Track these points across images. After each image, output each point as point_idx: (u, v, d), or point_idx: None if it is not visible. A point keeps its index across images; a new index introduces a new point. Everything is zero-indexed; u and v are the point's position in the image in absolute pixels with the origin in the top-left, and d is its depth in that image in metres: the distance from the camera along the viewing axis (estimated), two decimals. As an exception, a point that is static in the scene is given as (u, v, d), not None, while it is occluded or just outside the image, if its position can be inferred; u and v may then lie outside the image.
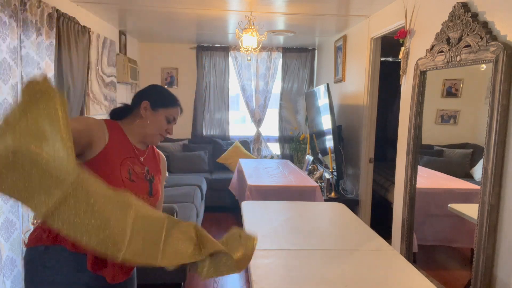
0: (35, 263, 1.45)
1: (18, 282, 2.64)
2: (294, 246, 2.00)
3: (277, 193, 3.61)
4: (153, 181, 1.65)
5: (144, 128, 1.62)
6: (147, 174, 1.63)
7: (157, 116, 1.63)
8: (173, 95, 1.73)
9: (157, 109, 1.63)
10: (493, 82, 1.98)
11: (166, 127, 1.67)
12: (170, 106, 1.67)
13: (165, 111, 1.65)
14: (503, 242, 1.99)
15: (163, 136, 1.68)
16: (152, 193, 1.62)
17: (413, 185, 2.80)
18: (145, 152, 1.68)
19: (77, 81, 3.42)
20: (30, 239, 1.49)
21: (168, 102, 1.68)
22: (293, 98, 6.32)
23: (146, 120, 1.62)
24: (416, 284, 1.64)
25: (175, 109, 1.69)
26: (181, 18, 4.32)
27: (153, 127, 1.63)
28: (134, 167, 1.57)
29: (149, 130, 1.63)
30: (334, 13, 3.99)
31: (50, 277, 1.43)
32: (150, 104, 1.62)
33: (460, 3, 2.27)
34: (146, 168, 1.64)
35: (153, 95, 1.66)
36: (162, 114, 1.64)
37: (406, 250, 2.84)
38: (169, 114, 1.66)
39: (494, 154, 1.98)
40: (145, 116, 1.62)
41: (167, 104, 1.67)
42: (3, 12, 2.39)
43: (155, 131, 1.64)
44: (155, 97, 1.65)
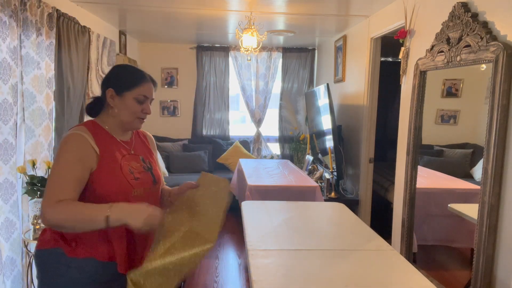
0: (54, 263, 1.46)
1: (18, 282, 2.64)
2: (294, 246, 2.00)
3: (277, 193, 3.61)
4: (152, 168, 1.65)
5: (118, 117, 1.54)
6: (144, 164, 1.62)
7: (125, 101, 1.52)
8: (136, 72, 1.57)
9: (122, 94, 1.51)
10: (493, 82, 1.98)
11: (140, 108, 1.55)
12: (134, 87, 1.52)
13: (132, 93, 1.52)
14: (503, 242, 1.99)
15: (142, 118, 1.58)
16: (156, 180, 1.64)
17: (413, 185, 2.80)
18: (132, 141, 1.64)
19: (77, 81, 3.42)
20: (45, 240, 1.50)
21: (131, 82, 1.53)
22: (293, 98, 6.32)
23: (117, 106, 1.52)
24: (416, 284, 1.64)
25: (143, 87, 1.54)
26: (181, 18, 4.32)
27: (125, 113, 1.53)
28: (131, 163, 1.57)
29: (124, 117, 1.54)
30: (334, 13, 3.99)
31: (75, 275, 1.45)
32: (114, 91, 1.52)
33: (460, 3, 2.27)
34: (141, 157, 1.63)
35: (115, 80, 1.54)
36: (129, 97, 1.52)
37: (406, 250, 2.84)
38: (137, 94, 1.53)
39: (494, 154, 1.97)
40: (114, 104, 1.53)
41: (131, 85, 1.52)
42: (3, 12, 2.39)
43: (130, 117, 1.54)
44: (117, 82, 1.53)
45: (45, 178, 2.60)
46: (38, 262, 1.52)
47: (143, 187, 1.56)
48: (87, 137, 1.46)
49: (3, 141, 2.44)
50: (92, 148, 1.46)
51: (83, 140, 1.45)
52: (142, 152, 1.66)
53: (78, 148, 1.43)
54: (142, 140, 1.72)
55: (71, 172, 1.40)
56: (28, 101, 2.72)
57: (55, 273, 1.46)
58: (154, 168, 1.67)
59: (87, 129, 1.50)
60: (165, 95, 6.19)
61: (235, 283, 3.41)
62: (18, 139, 2.63)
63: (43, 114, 2.87)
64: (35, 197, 2.53)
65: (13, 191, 2.55)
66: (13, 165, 2.53)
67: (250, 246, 1.98)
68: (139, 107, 1.54)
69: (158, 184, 1.66)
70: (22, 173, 2.53)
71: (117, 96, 1.52)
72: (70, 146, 1.44)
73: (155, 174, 1.65)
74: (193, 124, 6.24)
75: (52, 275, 1.47)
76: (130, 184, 1.51)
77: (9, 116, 2.47)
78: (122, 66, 1.66)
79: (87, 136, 1.46)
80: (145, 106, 1.55)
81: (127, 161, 1.56)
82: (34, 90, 2.75)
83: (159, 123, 6.18)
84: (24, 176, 2.55)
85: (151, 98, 1.58)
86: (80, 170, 1.42)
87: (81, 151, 1.43)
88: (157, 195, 1.68)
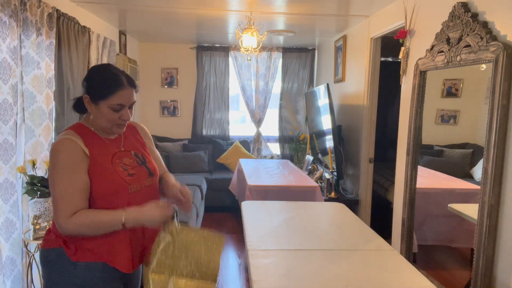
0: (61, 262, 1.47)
1: (18, 282, 2.64)
2: (294, 246, 2.00)
3: (277, 193, 3.61)
4: (146, 161, 1.64)
5: (96, 122, 1.51)
6: (137, 158, 1.61)
7: (100, 109, 1.45)
8: (112, 78, 1.45)
9: (97, 102, 1.45)
10: (493, 82, 1.98)
11: (117, 115, 1.47)
12: (108, 96, 1.43)
13: (106, 102, 1.44)
14: (503, 242, 1.99)
15: (121, 124, 1.51)
16: (151, 172, 1.63)
17: (413, 185, 2.80)
18: (120, 138, 1.61)
19: (77, 81, 3.42)
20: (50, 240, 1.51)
21: (105, 92, 1.43)
22: (293, 98, 6.33)
23: (94, 114, 1.48)
24: (416, 284, 1.64)
25: (118, 96, 1.44)
26: (181, 18, 4.32)
27: (102, 120, 1.48)
28: (123, 160, 1.55)
29: (101, 123, 1.49)
30: (334, 13, 3.99)
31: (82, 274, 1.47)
32: (89, 98, 1.46)
33: (460, 3, 2.27)
34: (133, 152, 1.62)
35: (90, 87, 1.47)
36: (104, 106, 1.44)
37: (406, 250, 2.84)
38: (112, 103, 1.44)
39: (494, 154, 1.97)
40: (90, 110, 1.49)
41: (105, 94, 1.43)
42: (3, 12, 2.39)
43: (107, 124, 1.49)
44: (91, 89, 1.46)
45: (45, 178, 2.60)
46: (44, 261, 1.52)
47: (139, 182, 1.55)
48: (77, 140, 1.45)
49: (3, 141, 2.44)
50: (82, 151, 1.45)
51: (73, 144, 1.43)
52: (133, 147, 1.64)
53: (71, 155, 1.42)
54: (132, 133, 1.68)
55: (75, 183, 1.41)
56: (28, 101, 2.72)
57: (62, 272, 1.47)
58: (149, 160, 1.65)
59: (74, 132, 1.48)
60: (165, 95, 6.19)
61: (235, 283, 3.41)
62: (18, 139, 2.63)
63: (43, 114, 2.87)
64: (35, 197, 2.53)
65: (13, 191, 2.55)
66: (13, 165, 2.53)
67: (250, 246, 1.98)
68: (116, 115, 1.47)
69: (154, 175, 1.64)
70: (22, 173, 2.53)
71: (92, 103, 1.47)
72: (63, 154, 1.42)
73: (150, 166, 1.63)
74: (193, 124, 6.24)
75: (59, 274, 1.48)
76: (125, 181, 1.50)
77: (9, 116, 2.47)
78: (98, 69, 1.54)
79: (76, 139, 1.45)
80: (123, 112, 1.48)
81: (118, 158, 1.54)
82: (34, 90, 2.75)
83: (159, 123, 6.18)
84: (24, 176, 2.55)
85: (131, 103, 1.50)
86: (81, 177, 1.43)
87: (75, 157, 1.43)
88: (156, 187, 1.66)
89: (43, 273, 1.55)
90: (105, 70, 1.50)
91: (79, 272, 1.46)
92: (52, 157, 1.43)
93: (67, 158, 1.42)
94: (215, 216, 5.15)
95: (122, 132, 1.59)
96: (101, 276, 1.49)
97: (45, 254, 1.52)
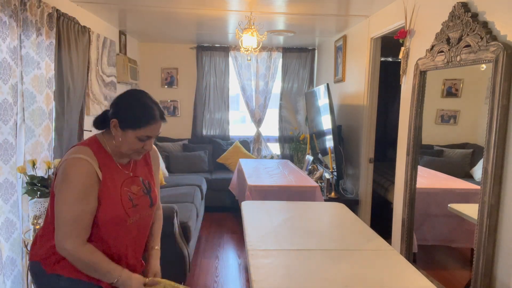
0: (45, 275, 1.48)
1: (18, 282, 2.64)
2: (294, 246, 2.00)
3: (277, 193, 3.61)
4: (151, 190, 1.63)
5: (117, 145, 1.48)
6: (144, 186, 1.60)
7: (127, 137, 1.45)
8: (147, 111, 1.45)
9: (126, 130, 1.44)
10: (493, 82, 1.98)
11: (141, 145, 1.48)
12: (140, 127, 1.44)
13: (135, 132, 1.44)
14: (503, 242, 1.99)
15: (141, 153, 1.52)
16: (152, 203, 1.63)
17: (413, 185, 2.80)
18: (131, 162, 1.59)
19: (77, 81, 3.42)
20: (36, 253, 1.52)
21: (137, 123, 1.43)
22: (293, 98, 6.33)
23: (117, 138, 1.46)
24: (416, 284, 1.64)
25: (149, 129, 1.45)
26: (181, 18, 4.32)
27: (124, 146, 1.47)
28: (131, 188, 1.55)
29: (123, 149, 1.48)
30: (334, 13, 3.99)
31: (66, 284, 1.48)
32: (118, 123, 1.44)
33: (460, 3, 2.27)
34: (141, 178, 1.60)
35: (122, 113, 1.45)
36: (132, 135, 1.44)
37: (406, 250, 2.84)
38: (141, 134, 1.45)
39: (494, 154, 1.98)
40: (116, 134, 1.46)
41: (136, 125, 1.43)
42: (3, 12, 2.39)
43: (128, 151, 1.48)
44: (124, 116, 1.44)
45: (45, 178, 2.60)
46: (31, 272, 1.56)
47: (139, 213, 1.56)
48: (92, 162, 1.42)
49: (3, 141, 2.44)
50: (96, 174, 1.43)
51: (89, 168, 1.41)
52: (142, 172, 1.62)
53: (87, 178, 1.40)
54: (143, 157, 1.65)
55: (86, 207, 1.40)
56: (28, 101, 2.72)
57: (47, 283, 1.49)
58: (153, 189, 1.64)
59: (92, 151, 1.44)
60: (165, 95, 6.19)
61: (235, 283, 3.41)
62: (18, 139, 2.63)
63: (43, 114, 2.88)
64: (35, 197, 2.53)
65: (13, 191, 2.55)
66: (13, 165, 2.53)
67: (250, 246, 1.98)
68: (140, 144, 1.47)
69: (154, 205, 1.65)
70: (22, 173, 2.53)
71: (120, 129, 1.45)
72: (79, 176, 1.39)
73: (153, 196, 1.63)
74: (193, 124, 6.24)
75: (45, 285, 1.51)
76: (127, 213, 1.51)
77: (9, 116, 2.47)
78: (134, 98, 1.49)
79: (91, 161, 1.42)
80: (147, 143, 1.49)
81: (127, 186, 1.53)
82: (34, 90, 2.75)
83: (159, 123, 6.17)
84: (24, 176, 2.55)
85: (154, 137, 1.50)
86: (92, 202, 1.42)
87: (90, 180, 1.41)
88: (151, 217, 1.67)
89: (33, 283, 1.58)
90: (141, 100, 1.47)
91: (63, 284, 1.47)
92: (66, 175, 1.39)
93: (83, 181, 1.39)
94: (215, 216, 5.15)
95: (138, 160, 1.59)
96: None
97: (30, 266, 1.55)
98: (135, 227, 1.56)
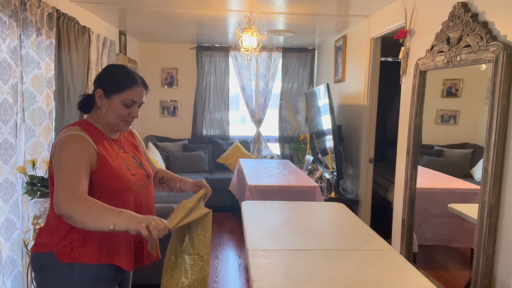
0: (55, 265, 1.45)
1: (18, 282, 2.64)
2: (294, 246, 2.00)
3: (277, 193, 3.61)
4: (143, 163, 1.69)
5: (104, 117, 1.53)
6: (136, 160, 1.65)
7: (112, 103, 1.51)
8: (128, 74, 1.55)
9: (110, 96, 1.51)
10: (493, 82, 1.98)
11: (128, 111, 1.54)
12: (123, 90, 1.51)
13: (120, 96, 1.51)
14: (503, 242, 1.99)
15: (128, 121, 1.57)
16: (148, 174, 1.68)
17: (413, 185, 2.80)
18: (120, 140, 1.65)
19: (77, 81, 3.42)
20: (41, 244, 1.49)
21: (120, 86, 1.51)
22: (293, 98, 6.33)
23: (104, 108, 1.52)
24: (416, 284, 1.64)
25: (132, 91, 1.52)
26: (181, 18, 4.32)
27: (111, 115, 1.52)
28: (126, 161, 1.60)
29: (110, 119, 1.53)
30: (334, 13, 3.99)
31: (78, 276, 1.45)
32: (103, 92, 1.51)
33: (460, 3, 2.27)
34: (131, 154, 1.66)
35: (105, 81, 1.53)
36: (117, 100, 1.51)
37: (406, 250, 2.84)
38: (125, 98, 1.51)
39: (494, 154, 1.97)
40: (101, 104, 1.52)
41: (120, 88, 1.51)
42: (3, 12, 2.39)
43: (115, 119, 1.53)
44: (107, 83, 1.52)
45: (45, 178, 2.60)
46: (38, 265, 1.50)
47: (139, 183, 1.60)
48: (85, 136, 1.47)
49: (3, 141, 2.44)
50: (92, 146, 1.46)
51: (83, 139, 1.45)
52: (131, 150, 1.69)
53: (82, 147, 1.43)
54: (128, 137, 1.74)
55: (81, 167, 1.40)
56: (28, 101, 2.72)
57: (57, 275, 1.45)
58: (145, 163, 1.71)
59: (81, 128, 1.49)
60: (165, 95, 6.19)
61: (235, 283, 3.41)
62: (18, 139, 2.63)
63: (43, 114, 2.88)
64: (35, 197, 2.53)
65: (13, 191, 2.55)
66: (13, 165, 2.53)
67: (250, 246, 1.98)
68: (126, 111, 1.53)
69: (150, 178, 1.70)
70: (22, 173, 2.53)
71: (105, 97, 1.51)
72: (73, 144, 1.42)
73: (147, 169, 1.69)
74: (193, 124, 6.24)
75: (55, 277, 1.46)
76: (130, 180, 1.54)
77: (9, 116, 2.47)
78: (114, 67, 1.63)
79: (85, 135, 1.46)
80: (133, 110, 1.54)
81: (121, 158, 1.58)
82: (34, 90, 2.75)
83: (159, 123, 6.18)
84: (24, 176, 2.55)
85: (140, 102, 1.57)
86: (86, 165, 1.42)
87: (84, 149, 1.43)
88: (151, 189, 1.72)
89: (36, 277, 1.53)
90: (121, 68, 1.59)
91: (75, 274, 1.45)
92: (60, 147, 1.41)
93: (76, 147, 1.42)
94: (215, 216, 5.09)
95: (126, 131, 1.65)
96: (97, 277, 1.48)
97: (37, 258, 1.50)
98: (142, 196, 1.60)
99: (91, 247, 1.46)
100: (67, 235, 1.45)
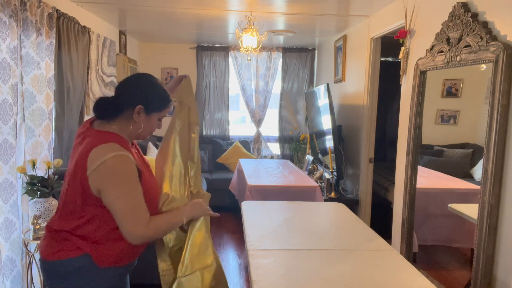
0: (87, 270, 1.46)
1: (18, 282, 2.64)
2: (294, 246, 2.00)
3: (277, 193, 3.61)
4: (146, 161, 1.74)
5: (137, 130, 1.57)
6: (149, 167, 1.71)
7: (151, 120, 1.58)
8: (166, 93, 1.62)
9: (151, 113, 1.57)
10: (493, 82, 1.98)
11: (159, 125, 1.65)
12: (163, 109, 1.60)
13: (158, 114, 1.60)
14: (503, 242, 1.99)
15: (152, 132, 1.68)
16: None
17: (413, 185, 2.80)
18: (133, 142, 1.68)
19: (77, 81, 3.42)
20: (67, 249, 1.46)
21: (163, 104, 1.59)
22: (293, 98, 6.32)
23: (140, 124, 1.55)
24: (416, 284, 1.64)
25: (168, 109, 1.63)
26: (181, 18, 4.32)
27: (147, 129, 1.59)
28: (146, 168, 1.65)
29: (143, 132, 1.59)
30: (334, 13, 3.99)
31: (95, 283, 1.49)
32: (144, 109, 1.53)
33: (460, 3, 2.27)
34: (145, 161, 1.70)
35: (149, 99, 1.55)
36: (155, 117, 1.59)
37: (406, 250, 2.84)
38: (162, 115, 1.62)
39: (494, 154, 1.97)
40: (138, 120, 1.54)
41: (161, 107, 1.59)
42: (3, 12, 2.39)
43: (148, 133, 1.61)
44: (151, 101, 1.55)
45: (45, 178, 2.60)
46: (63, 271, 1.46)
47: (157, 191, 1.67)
48: (128, 155, 1.45)
49: (3, 141, 2.44)
50: (135, 165, 1.47)
51: (129, 160, 1.45)
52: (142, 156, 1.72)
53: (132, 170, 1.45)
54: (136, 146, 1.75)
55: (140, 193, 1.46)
56: (28, 101, 2.72)
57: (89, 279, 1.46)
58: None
59: (120, 146, 1.45)
60: (165, 95, 6.19)
61: (235, 283, 3.41)
62: (18, 139, 2.63)
63: (43, 114, 2.87)
64: (35, 197, 2.53)
65: (13, 191, 2.55)
66: (13, 165, 2.53)
67: (250, 246, 1.98)
68: (159, 125, 1.64)
69: None
70: (22, 173, 2.53)
71: (144, 114, 1.54)
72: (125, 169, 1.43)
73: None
74: (193, 124, 6.23)
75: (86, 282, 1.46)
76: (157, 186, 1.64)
77: (9, 116, 2.47)
78: (154, 85, 1.60)
79: (128, 154, 1.45)
80: (160, 122, 1.65)
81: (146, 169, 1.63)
82: (34, 90, 2.75)
83: (159, 123, 6.17)
84: (24, 176, 2.55)
85: None
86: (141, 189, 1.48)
87: (134, 171, 1.46)
88: None
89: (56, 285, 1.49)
90: (159, 86, 1.61)
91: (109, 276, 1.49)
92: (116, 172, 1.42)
93: (129, 172, 1.44)
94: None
95: None
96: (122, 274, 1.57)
97: (65, 264, 1.45)
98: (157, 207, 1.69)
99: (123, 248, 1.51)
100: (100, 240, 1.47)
